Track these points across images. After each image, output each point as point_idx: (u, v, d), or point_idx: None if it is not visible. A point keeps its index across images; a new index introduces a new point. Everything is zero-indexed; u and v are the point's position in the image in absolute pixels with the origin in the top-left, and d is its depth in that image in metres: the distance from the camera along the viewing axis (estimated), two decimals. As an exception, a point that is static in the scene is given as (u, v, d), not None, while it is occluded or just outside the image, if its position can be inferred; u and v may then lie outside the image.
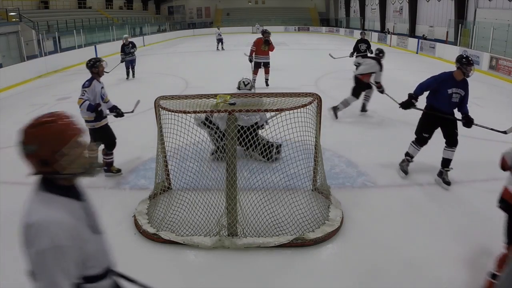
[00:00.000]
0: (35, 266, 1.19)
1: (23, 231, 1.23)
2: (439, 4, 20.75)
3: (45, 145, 1.26)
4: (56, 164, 1.31)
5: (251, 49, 9.41)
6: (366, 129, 6.37)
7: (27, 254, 1.22)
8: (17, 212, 4.01)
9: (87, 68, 4.52)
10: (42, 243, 1.18)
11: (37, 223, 1.21)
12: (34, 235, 1.19)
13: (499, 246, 3.09)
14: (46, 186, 1.33)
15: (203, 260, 3.05)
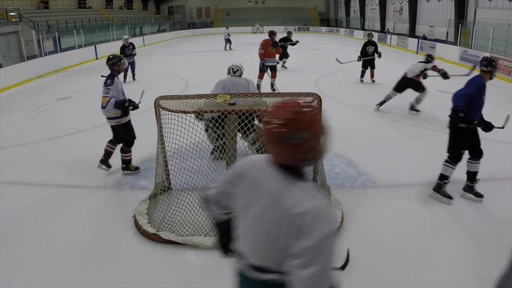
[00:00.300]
0: (311, 252, 1.16)
1: (291, 220, 1.19)
2: (439, 4, 20.76)
3: (316, 132, 1.24)
4: (317, 151, 1.27)
5: (260, 52, 8.83)
6: (367, 129, 6.37)
7: (295, 243, 1.18)
8: (17, 212, 4.03)
9: (107, 65, 4.55)
10: (323, 229, 1.18)
11: (314, 210, 1.19)
12: (312, 224, 1.18)
13: (499, 246, 3.09)
14: (297, 175, 1.28)
15: (203, 260, 3.05)
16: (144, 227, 3.36)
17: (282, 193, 1.25)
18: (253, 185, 1.32)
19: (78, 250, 3.16)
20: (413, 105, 7.25)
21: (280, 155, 1.26)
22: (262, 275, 1.32)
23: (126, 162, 4.69)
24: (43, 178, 4.61)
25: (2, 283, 2.78)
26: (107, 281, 2.82)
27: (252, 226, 1.32)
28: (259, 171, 1.33)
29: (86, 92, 9.98)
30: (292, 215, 1.20)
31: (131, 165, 4.72)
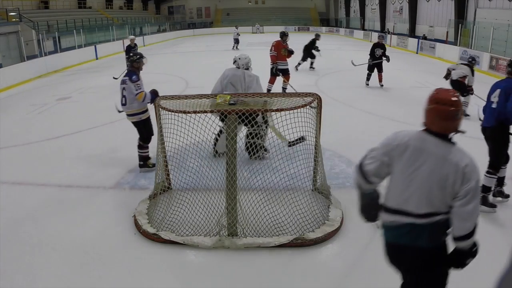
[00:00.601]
0: (472, 192, 1.68)
1: (458, 171, 1.69)
2: (439, 4, 20.75)
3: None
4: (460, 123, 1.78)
5: (272, 54, 8.21)
6: (367, 129, 6.37)
7: (461, 187, 1.69)
8: (17, 212, 4.02)
9: (129, 62, 4.71)
10: (477, 175, 1.72)
11: (470, 163, 1.72)
12: (471, 172, 1.70)
13: (499, 245, 3.09)
14: (450, 141, 1.77)
15: (203, 260, 3.05)
16: (144, 227, 3.36)
17: (448, 154, 1.73)
18: (416, 152, 1.76)
19: (78, 250, 3.16)
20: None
21: (447, 127, 1.75)
22: (432, 219, 1.74)
23: (144, 158, 4.73)
24: (43, 178, 4.61)
25: (2, 283, 2.78)
26: (107, 281, 2.82)
27: (423, 183, 1.73)
28: (419, 141, 1.78)
29: (86, 92, 9.98)
30: (460, 167, 1.69)
31: (148, 161, 4.76)
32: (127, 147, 5.56)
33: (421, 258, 1.79)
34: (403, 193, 1.78)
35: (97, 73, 13.43)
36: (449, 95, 1.77)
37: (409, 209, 1.76)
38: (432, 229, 1.76)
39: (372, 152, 1.92)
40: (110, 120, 7.01)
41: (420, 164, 1.74)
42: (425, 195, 1.73)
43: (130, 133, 6.18)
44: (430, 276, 1.83)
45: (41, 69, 13.26)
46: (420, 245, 1.76)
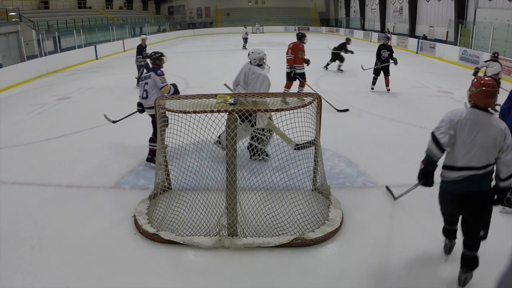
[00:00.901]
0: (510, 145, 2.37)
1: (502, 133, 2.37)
2: (439, 4, 20.75)
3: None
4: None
5: (289, 58, 7.61)
6: (367, 129, 6.37)
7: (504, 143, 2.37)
8: (17, 212, 4.02)
9: (150, 60, 4.94)
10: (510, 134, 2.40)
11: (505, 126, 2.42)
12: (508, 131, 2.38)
13: (499, 245, 3.09)
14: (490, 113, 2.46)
15: (203, 260, 3.05)
16: (144, 227, 3.36)
17: (492, 121, 2.41)
18: (473, 123, 2.40)
19: (78, 250, 3.16)
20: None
21: (489, 103, 2.45)
22: (487, 168, 2.41)
23: (153, 152, 4.67)
24: (43, 178, 4.61)
25: (2, 283, 2.78)
26: (107, 281, 2.82)
27: (482, 144, 2.37)
28: (473, 115, 2.44)
29: (86, 92, 9.98)
30: (502, 129, 2.38)
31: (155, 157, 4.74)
32: (127, 147, 5.57)
33: (481, 199, 2.46)
34: (468, 154, 2.41)
35: (97, 73, 13.43)
36: (490, 81, 2.49)
37: (472, 165, 2.41)
38: (487, 176, 2.45)
39: (440, 129, 2.49)
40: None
41: (478, 132, 2.39)
42: (484, 152, 2.39)
43: (129, 134, 6.19)
44: (485, 213, 2.50)
45: (41, 69, 13.26)
46: (481, 189, 2.44)
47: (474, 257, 2.55)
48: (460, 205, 2.53)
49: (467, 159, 2.41)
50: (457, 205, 2.55)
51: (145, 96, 4.76)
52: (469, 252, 2.56)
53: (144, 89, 4.77)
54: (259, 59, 4.78)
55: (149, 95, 4.71)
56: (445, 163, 2.55)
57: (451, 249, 2.98)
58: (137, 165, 4.88)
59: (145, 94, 4.75)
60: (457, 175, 2.46)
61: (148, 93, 4.72)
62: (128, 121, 6.99)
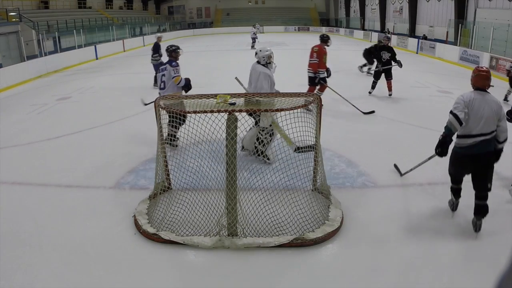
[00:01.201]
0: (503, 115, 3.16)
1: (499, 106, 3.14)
2: (439, 4, 20.75)
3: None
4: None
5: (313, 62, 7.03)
6: (367, 129, 6.37)
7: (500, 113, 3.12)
8: (17, 212, 4.02)
9: (167, 52, 5.43)
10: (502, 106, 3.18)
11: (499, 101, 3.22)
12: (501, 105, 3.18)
13: (499, 245, 3.09)
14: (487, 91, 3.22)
15: (203, 260, 3.05)
16: (144, 227, 3.36)
17: (491, 97, 3.15)
18: (480, 101, 3.10)
19: (78, 250, 3.16)
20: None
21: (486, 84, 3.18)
22: (492, 134, 3.12)
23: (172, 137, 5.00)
24: (43, 178, 4.61)
25: (2, 283, 2.78)
26: (107, 281, 2.82)
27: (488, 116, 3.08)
28: (478, 95, 3.14)
29: (86, 92, 9.98)
30: (498, 103, 3.14)
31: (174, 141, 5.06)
32: (127, 147, 5.57)
33: (488, 158, 3.18)
34: (479, 124, 3.09)
35: (97, 73, 13.43)
36: (484, 68, 3.34)
37: (483, 131, 3.10)
38: (492, 140, 3.16)
39: (457, 108, 3.11)
40: (110, 120, 7.02)
41: (484, 107, 3.10)
42: (490, 121, 3.10)
43: (129, 134, 6.19)
44: (490, 169, 3.24)
45: (41, 69, 13.26)
46: (488, 150, 3.15)
47: (485, 205, 3.21)
48: (473, 164, 3.21)
49: (479, 128, 3.10)
50: (471, 164, 3.23)
51: (162, 87, 5.18)
52: (481, 201, 3.21)
53: (161, 81, 5.19)
54: (267, 57, 4.75)
55: (166, 86, 5.13)
56: (460, 134, 3.21)
57: (456, 207, 3.63)
58: (137, 165, 4.88)
59: (163, 85, 5.18)
60: (472, 141, 3.14)
61: (166, 84, 5.14)
62: (128, 121, 7.00)
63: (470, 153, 3.17)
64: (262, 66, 4.76)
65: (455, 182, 3.50)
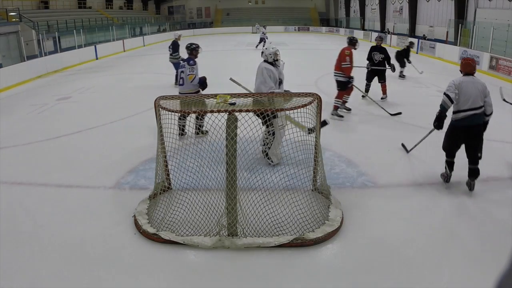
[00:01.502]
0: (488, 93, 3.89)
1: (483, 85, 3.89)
2: (439, 4, 20.75)
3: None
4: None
5: (347, 66, 6.63)
6: (366, 129, 6.37)
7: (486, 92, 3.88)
8: (17, 212, 4.01)
9: (187, 50, 5.82)
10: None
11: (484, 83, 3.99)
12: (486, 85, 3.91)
13: (499, 245, 3.09)
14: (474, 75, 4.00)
15: (203, 260, 3.05)
16: (144, 227, 3.36)
17: (478, 79, 3.94)
18: (468, 83, 3.85)
19: (78, 250, 3.16)
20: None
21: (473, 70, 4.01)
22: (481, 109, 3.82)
23: (200, 126, 5.49)
24: (43, 178, 4.61)
25: (2, 283, 2.78)
26: (107, 281, 2.82)
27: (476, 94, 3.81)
28: (467, 78, 3.91)
29: (86, 92, 9.98)
30: (483, 84, 3.92)
31: (202, 129, 5.46)
32: (127, 147, 5.57)
33: (478, 130, 3.89)
34: (468, 101, 3.81)
35: (97, 73, 13.43)
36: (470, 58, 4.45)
37: (472, 106, 3.80)
38: (481, 114, 3.85)
39: (449, 90, 3.89)
40: (110, 120, 7.02)
41: (471, 87, 3.85)
42: (477, 99, 3.81)
43: (129, 134, 6.20)
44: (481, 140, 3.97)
45: (41, 69, 13.26)
46: (478, 123, 3.86)
47: (477, 169, 3.94)
48: (466, 134, 3.89)
49: (469, 104, 3.82)
50: (464, 135, 3.90)
51: (181, 83, 5.57)
52: (473, 166, 3.94)
53: (180, 77, 5.58)
54: (273, 54, 4.76)
55: (185, 82, 5.55)
56: (455, 110, 3.93)
57: (449, 179, 4.21)
58: (137, 165, 4.88)
59: (182, 81, 5.57)
60: (463, 115, 3.85)
61: (184, 80, 5.54)
62: (128, 121, 6.99)
63: (463, 125, 3.88)
64: (266, 62, 4.77)
65: (450, 155, 4.12)
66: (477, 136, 3.90)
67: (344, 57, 6.69)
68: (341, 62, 6.71)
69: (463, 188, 4.11)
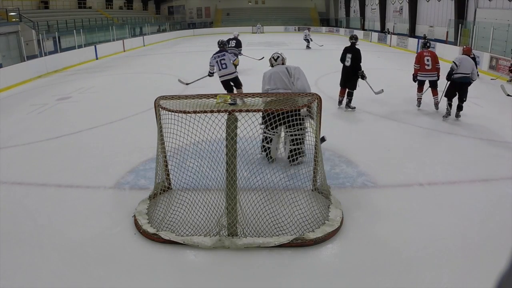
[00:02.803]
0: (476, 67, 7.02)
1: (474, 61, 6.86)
2: (439, 4, 20.75)
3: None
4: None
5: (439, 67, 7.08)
6: (366, 129, 6.37)
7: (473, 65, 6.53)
8: (17, 212, 4.01)
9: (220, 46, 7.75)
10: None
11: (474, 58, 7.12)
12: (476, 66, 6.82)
13: (499, 245, 3.09)
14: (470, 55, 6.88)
15: (203, 260, 3.05)
16: (144, 227, 3.36)
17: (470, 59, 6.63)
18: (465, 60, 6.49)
19: (78, 250, 3.16)
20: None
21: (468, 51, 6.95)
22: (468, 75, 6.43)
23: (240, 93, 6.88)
24: (43, 178, 4.61)
25: (2, 283, 2.78)
26: (107, 281, 2.82)
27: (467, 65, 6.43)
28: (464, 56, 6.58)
29: (86, 92, 9.98)
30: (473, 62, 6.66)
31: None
32: (127, 147, 5.57)
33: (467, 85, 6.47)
34: (463, 68, 6.32)
35: (97, 73, 13.43)
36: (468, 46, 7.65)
37: (464, 72, 6.35)
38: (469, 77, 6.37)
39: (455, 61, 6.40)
40: (110, 120, 7.02)
41: (466, 62, 6.37)
42: (468, 68, 6.35)
43: (129, 134, 6.20)
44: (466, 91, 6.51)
45: (41, 69, 13.26)
46: (467, 81, 6.43)
47: (462, 106, 6.53)
48: (459, 87, 6.39)
49: (463, 70, 6.29)
50: (458, 87, 6.39)
51: (224, 67, 7.22)
52: (460, 104, 6.53)
53: (221, 63, 7.22)
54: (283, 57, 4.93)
55: (228, 65, 7.22)
56: (455, 73, 6.38)
57: (449, 114, 6.66)
58: (137, 165, 4.88)
59: (225, 65, 7.22)
60: (459, 75, 6.32)
61: (227, 65, 7.20)
62: (128, 121, 7.00)
63: (459, 81, 6.37)
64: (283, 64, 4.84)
65: (449, 99, 6.60)
66: (465, 88, 6.45)
67: (436, 59, 7.13)
68: (436, 63, 7.08)
69: (463, 188, 4.11)
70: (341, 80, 7.27)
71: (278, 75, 4.60)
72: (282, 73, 4.60)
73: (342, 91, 7.26)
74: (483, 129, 6.22)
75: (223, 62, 7.16)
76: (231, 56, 7.29)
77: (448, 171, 4.57)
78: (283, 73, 4.60)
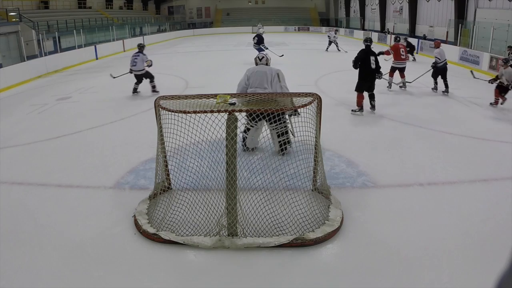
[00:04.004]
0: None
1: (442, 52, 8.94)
2: (439, 4, 20.75)
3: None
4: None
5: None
6: (366, 129, 6.37)
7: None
8: (17, 212, 4.01)
9: (138, 48, 9.10)
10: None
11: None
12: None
13: (499, 245, 3.09)
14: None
15: (203, 260, 3.05)
16: (144, 227, 3.36)
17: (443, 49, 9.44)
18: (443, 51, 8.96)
19: (78, 250, 3.16)
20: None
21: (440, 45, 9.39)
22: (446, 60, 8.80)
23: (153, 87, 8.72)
24: (43, 178, 4.61)
25: (2, 283, 2.78)
26: (107, 281, 2.82)
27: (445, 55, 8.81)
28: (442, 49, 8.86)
29: (86, 92, 9.98)
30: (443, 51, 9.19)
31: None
32: (127, 147, 5.57)
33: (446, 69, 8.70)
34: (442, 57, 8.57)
35: (97, 73, 13.43)
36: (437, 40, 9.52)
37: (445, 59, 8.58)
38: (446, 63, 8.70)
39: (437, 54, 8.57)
40: (110, 120, 7.02)
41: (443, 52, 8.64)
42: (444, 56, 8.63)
43: (129, 134, 6.20)
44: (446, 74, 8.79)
45: (41, 69, 13.26)
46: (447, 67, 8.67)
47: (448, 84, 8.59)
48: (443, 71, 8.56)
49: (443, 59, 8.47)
50: (441, 72, 8.56)
51: (134, 65, 8.91)
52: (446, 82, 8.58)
53: (133, 62, 8.82)
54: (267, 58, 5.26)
55: (138, 64, 8.79)
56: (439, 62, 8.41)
57: (436, 89, 8.81)
58: (137, 165, 4.88)
59: (134, 63, 8.87)
60: (442, 63, 8.48)
61: (137, 63, 8.79)
62: (128, 121, 7.00)
63: (442, 67, 8.31)
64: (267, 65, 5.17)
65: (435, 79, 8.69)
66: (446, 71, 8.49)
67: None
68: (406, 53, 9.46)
69: (463, 188, 4.11)
70: (365, 85, 6.98)
71: (260, 74, 5.01)
72: (264, 73, 4.99)
73: (361, 96, 6.93)
74: (483, 129, 6.22)
75: (135, 61, 8.93)
76: (145, 57, 9.03)
77: (448, 171, 4.57)
78: (265, 73, 4.99)
